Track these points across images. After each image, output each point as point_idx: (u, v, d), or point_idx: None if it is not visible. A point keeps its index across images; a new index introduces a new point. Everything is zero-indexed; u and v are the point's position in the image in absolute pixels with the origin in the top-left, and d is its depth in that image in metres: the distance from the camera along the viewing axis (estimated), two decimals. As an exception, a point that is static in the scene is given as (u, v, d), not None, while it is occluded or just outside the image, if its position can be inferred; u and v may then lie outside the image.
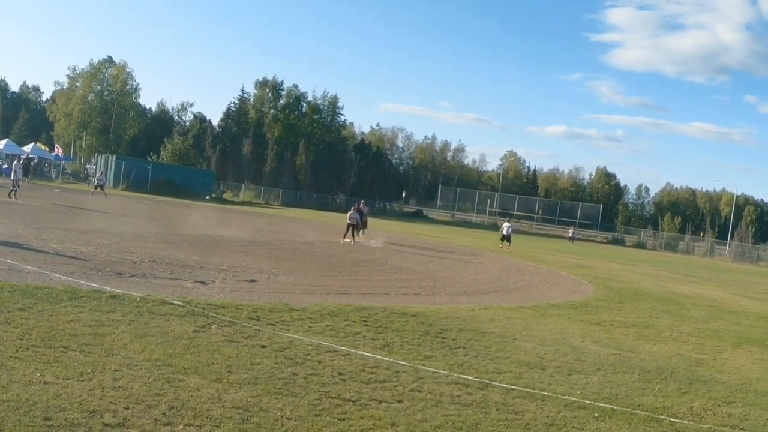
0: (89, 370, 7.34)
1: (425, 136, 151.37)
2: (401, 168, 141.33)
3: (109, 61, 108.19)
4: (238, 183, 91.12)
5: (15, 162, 42.22)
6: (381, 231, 43.13)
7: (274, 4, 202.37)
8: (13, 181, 36.44)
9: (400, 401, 7.66)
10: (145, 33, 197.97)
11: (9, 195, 34.48)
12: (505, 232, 44.38)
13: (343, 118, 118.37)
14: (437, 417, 7.23)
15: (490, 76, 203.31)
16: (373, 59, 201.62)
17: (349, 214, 32.42)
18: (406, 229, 50.92)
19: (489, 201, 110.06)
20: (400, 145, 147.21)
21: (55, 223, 23.95)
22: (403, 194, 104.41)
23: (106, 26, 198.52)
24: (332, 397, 7.46)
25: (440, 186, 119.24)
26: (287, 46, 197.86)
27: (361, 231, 34.16)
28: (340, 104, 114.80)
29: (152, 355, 8.26)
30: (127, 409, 6.36)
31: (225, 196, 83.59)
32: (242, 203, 77.12)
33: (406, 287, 18.65)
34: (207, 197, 72.87)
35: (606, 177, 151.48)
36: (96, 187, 49.85)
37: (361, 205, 37.00)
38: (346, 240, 31.76)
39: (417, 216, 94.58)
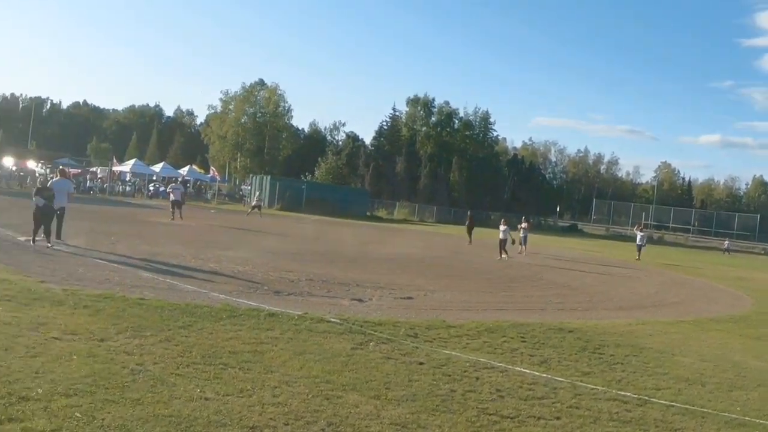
0: (249, 387, 7.53)
1: (578, 150, 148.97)
2: (555, 182, 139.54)
3: (261, 83, 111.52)
4: (392, 201, 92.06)
5: (172, 184, 43.98)
6: (535, 246, 42.66)
7: (424, 22, 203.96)
8: (171, 203, 37.76)
9: (558, 418, 7.53)
10: (296, 55, 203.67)
11: (172, 217, 35.98)
12: (638, 242, 43.07)
13: (495, 133, 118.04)
14: (597, 435, 7.07)
15: (640, 87, 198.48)
16: (524, 73, 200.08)
17: (502, 229, 32.09)
18: (561, 244, 50.18)
19: (644, 214, 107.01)
20: (553, 159, 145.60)
21: (212, 243, 24.82)
22: (557, 209, 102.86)
23: (257, 50, 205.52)
24: (490, 414, 7.40)
25: (594, 200, 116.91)
26: (438, 63, 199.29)
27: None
28: (491, 120, 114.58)
29: (311, 372, 8.42)
30: (287, 425, 6.48)
31: (379, 214, 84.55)
32: (397, 221, 77.81)
33: (563, 303, 18.38)
34: (367, 214, 74.05)
35: (763, 186, 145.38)
36: (253, 208, 51.14)
37: (524, 221, 37.12)
38: (502, 257, 31.40)
39: (572, 230, 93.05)
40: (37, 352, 7.98)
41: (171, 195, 37.92)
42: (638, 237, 43.36)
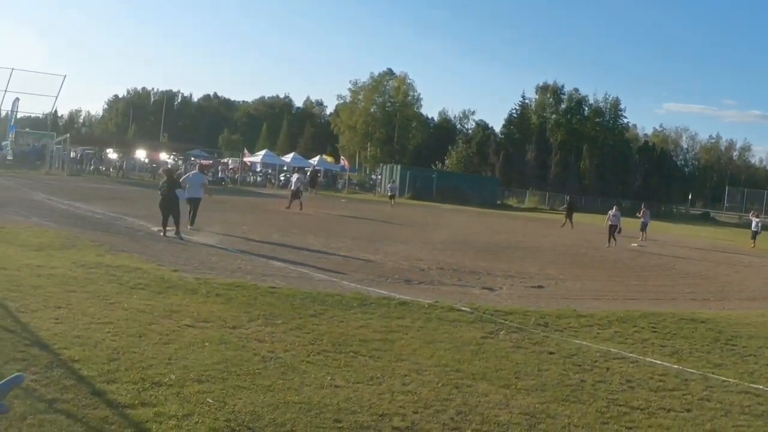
0: (379, 375, 7.71)
1: (709, 136, 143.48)
2: (686, 169, 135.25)
3: (390, 73, 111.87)
4: (522, 189, 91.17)
5: (296, 175, 44.77)
6: (666, 234, 41.74)
7: (551, 7, 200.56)
8: (293, 192, 38.26)
9: (688, 410, 7.43)
10: (424, 45, 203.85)
11: (289, 206, 36.42)
12: (753, 228, 41.27)
13: (625, 120, 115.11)
14: (727, 428, 6.97)
15: None
16: (654, 59, 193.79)
17: (612, 214, 31.24)
18: (693, 232, 48.69)
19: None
20: (684, 145, 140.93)
21: (342, 233, 25.23)
22: (689, 196, 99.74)
23: (386, 40, 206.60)
24: (620, 405, 7.37)
25: (727, 187, 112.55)
26: (566, 50, 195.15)
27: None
28: (621, 106, 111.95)
29: (441, 360, 8.54)
30: (416, 413, 6.62)
31: (510, 202, 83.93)
32: (527, 209, 77.12)
33: (695, 293, 17.97)
34: (497, 203, 73.77)
35: None
36: (390, 197, 51.49)
37: (643, 208, 36.47)
38: (610, 244, 30.51)
39: (704, 218, 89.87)
40: (170, 339, 8.35)
41: (292, 185, 38.52)
42: (753, 223, 41.68)
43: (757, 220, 41.88)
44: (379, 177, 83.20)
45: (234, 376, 7.19)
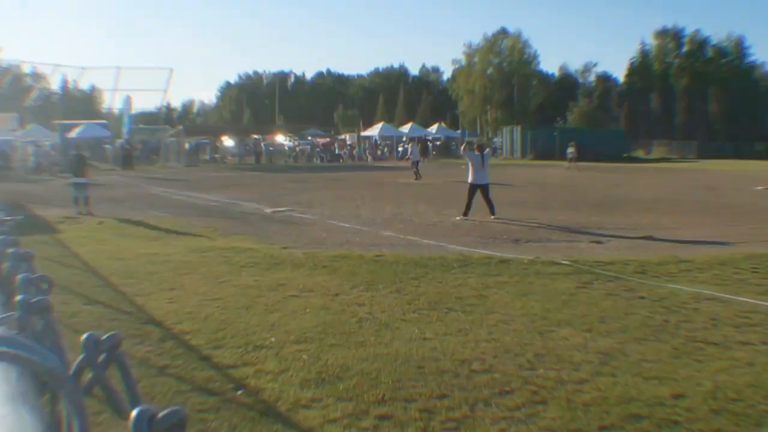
0: (467, 327, 8.17)
1: None
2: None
3: (503, 32, 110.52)
4: (649, 140, 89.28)
5: (412, 144, 45.31)
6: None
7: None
8: (412, 162, 39.05)
9: (765, 343, 7.57)
10: (535, 1, 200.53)
11: (416, 178, 37.26)
12: None
13: (752, 58, 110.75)
14: (801, 357, 7.11)
15: None
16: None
17: None
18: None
19: None
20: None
21: (455, 199, 25.40)
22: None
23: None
24: (697, 341, 7.58)
25: None
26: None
27: None
28: (746, 44, 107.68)
29: (530, 311, 8.90)
30: (495, 357, 7.07)
31: (637, 154, 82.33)
32: (655, 160, 75.55)
33: (817, 232, 17.59)
34: (623, 156, 72.53)
35: None
36: (571, 161, 50.77)
37: None
38: None
39: None
40: (274, 309, 9.06)
41: (409, 155, 39.00)
42: None
43: None
44: (500, 140, 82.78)
45: (330, 336, 7.81)
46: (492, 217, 19.38)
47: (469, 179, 20.00)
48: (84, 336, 2.15)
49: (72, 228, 18.27)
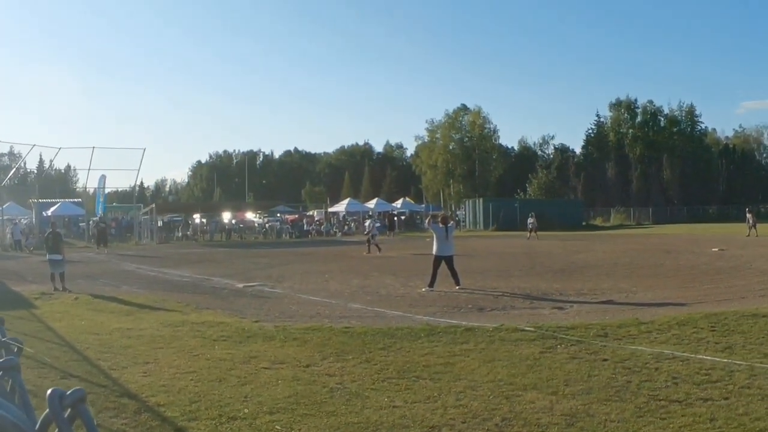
0: (435, 394, 8.26)
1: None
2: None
3: (464, 108, 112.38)
4: (607, 207, 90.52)
5: (368, 220, 45.82)
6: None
7: (620, 25, 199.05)
8: (370, 236, 38.86)
9: (726, 399, 7.73)
10: (497, 74, 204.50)
11: (368, 251, 37.20)
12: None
13: (702, 125, 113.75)
14: (760, 410, 7.25)
15: None
16: (725, 60, 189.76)
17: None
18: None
19: None
20: (767, 143, 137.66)
21: (422, 271, 25.67)
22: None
23: (456, 76, 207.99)
24: (660, 400, 7.74)
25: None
26: (636, 62, 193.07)
27: None
28: (697, 112, 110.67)
29: (496, 376, 9.02)
30: (464, 423, 7.17)
31: (595, 222, 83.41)
32: (613, 227, 76.61)
33: (766, 289, 18.01)
34: (582, 224, 73.52)
35: None
36: (532, 231, 51.61)
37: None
38: None
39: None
40: (247, 381, 9.12)
41: (366, 230, 39.16)
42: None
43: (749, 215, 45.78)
44: (463, 212, 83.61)
45: (302, 406, 7.88)
46: (457, 287, 19.52)
47: (434, 251, 20.18)
48: (49, 391, 2.28)
49: (48, 303, 18.34)
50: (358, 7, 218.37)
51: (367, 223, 40.48)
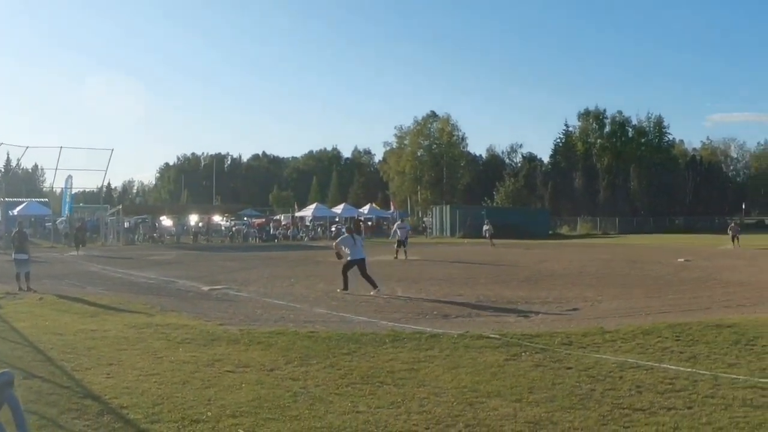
0: (399, 400, 8.20)
1: (757, 143, 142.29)
2: (738, 179, 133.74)
3: (433, 116, 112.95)
4: (574, 217, 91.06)
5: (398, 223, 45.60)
6: (713, 247, 41.56)
7: (590, 36, 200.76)
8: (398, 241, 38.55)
9: (690, 408, 7.75)
10: (464, 84, 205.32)
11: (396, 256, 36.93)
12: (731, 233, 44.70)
13: (670, 137, 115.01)
14: (723, 419, 7.27)
15: None
16: (694, 72, 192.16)
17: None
18: (746, 242, 48.11)
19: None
20: (734, 155, 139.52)
21: (388, 276, 25.66)
22: (743, 206, 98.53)
23: (425, 83, 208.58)
24: (623, 408, 7.73)
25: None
26: (604, 73, 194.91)
27: None
28: (665, 123, 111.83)
29: (461, 383, 8.97)
30: (427, 429, 7.12)
31: (562, 231, 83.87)
32: (579, 236, 77.00)
33: (730, 300, 18.22)
34: (549, 233, 73.92)
35: None
36: (490, 238, 51.75)
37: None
38: None
39: (759, 227, 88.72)
40: (211, 384, 9.01)
41: (398, 234, 38.75)
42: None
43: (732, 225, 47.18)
44: (431, 219, 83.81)
45: (266, 410, 7.80)
46: (373, 291, 20.02)
47: (348, 258, 20.87)
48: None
49: (12, 303, 18.11)
50: (328, 13, 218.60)
51: (397, 228, 40.01)
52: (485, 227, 52.75)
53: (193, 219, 68.98)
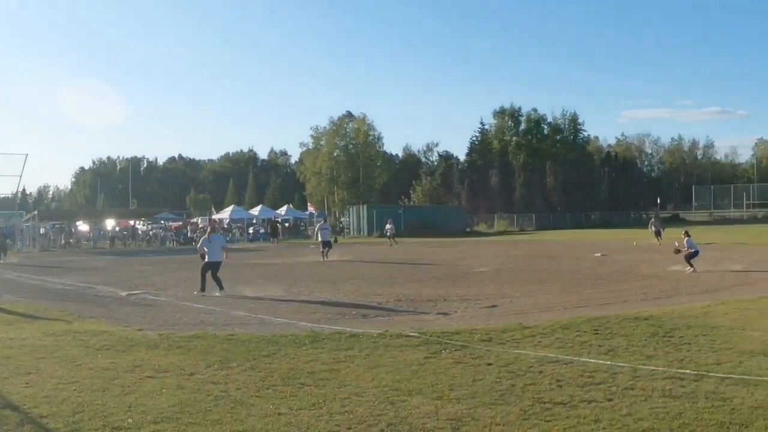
0: (321, 401, 8.11)
1: (671, 138, 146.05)
2: (653, 174, 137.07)
3: (349, 116, 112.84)
4: (491, 214, 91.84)
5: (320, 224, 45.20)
6: (629, 241, 42.43)
7: (499, 32, 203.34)
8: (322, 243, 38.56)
9: (610, 400, 7.84)
10: (379, 84, 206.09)
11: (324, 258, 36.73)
12: (653, 229, 43.67)
13: (585, 133, 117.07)
14: (643, 410, 7.36)
15: (725, 65, 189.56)
16: (607, 70, 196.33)
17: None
18: (665, 236, 49.24)
19: (745, 194, 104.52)
20: (648, 150, 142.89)
21: (305, 277, 25.60)
22: (658, 201, 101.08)
23: (341, 83, 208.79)
24: (544, 402, 7.78)
25: (694, 186, 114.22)
26: (520, 70, 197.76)
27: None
28: (580, 120, 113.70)
29: (381, 382, 8.93)
30: (350, 429, 7.06)
31: (479, 228, 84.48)
32: (496, 233, 77.71)
33: (647, 293, 18.62)
34: (466, 230, 74.46)
35: None
36: (390, 238, 51.61)
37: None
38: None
39: (674, 220, 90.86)
40: (131, 390, 8.78)
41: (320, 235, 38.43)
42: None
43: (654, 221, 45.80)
44: (347, 219, 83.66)
45: (187, 415, 7.64)
46: (217, 293, 20.25)
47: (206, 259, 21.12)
48: None
49: None
50: (246, 11, 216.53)
51: (319, 230, 39.66)
52: (387, 226, 52.74)
53: (110, 224, 67.53)
